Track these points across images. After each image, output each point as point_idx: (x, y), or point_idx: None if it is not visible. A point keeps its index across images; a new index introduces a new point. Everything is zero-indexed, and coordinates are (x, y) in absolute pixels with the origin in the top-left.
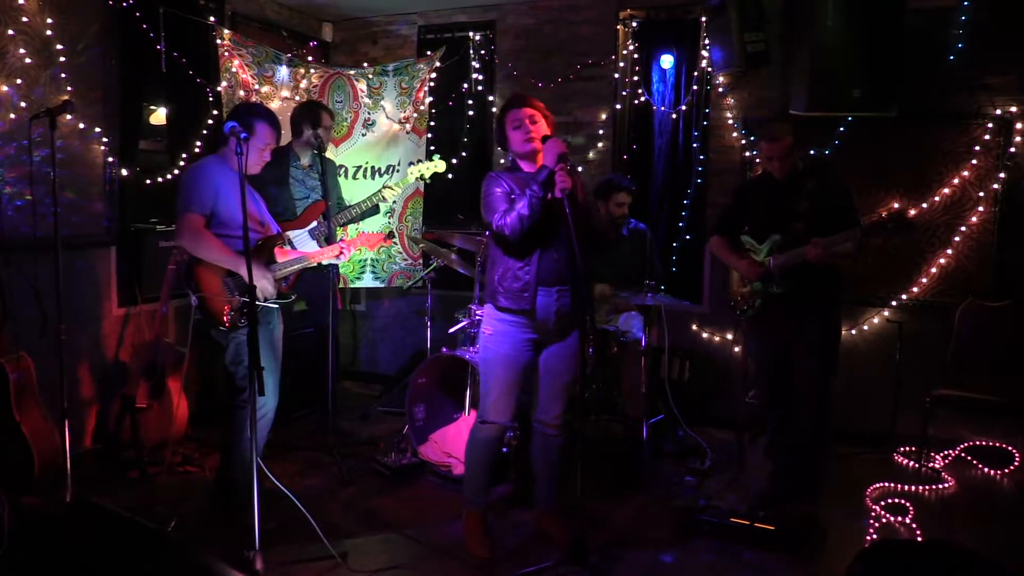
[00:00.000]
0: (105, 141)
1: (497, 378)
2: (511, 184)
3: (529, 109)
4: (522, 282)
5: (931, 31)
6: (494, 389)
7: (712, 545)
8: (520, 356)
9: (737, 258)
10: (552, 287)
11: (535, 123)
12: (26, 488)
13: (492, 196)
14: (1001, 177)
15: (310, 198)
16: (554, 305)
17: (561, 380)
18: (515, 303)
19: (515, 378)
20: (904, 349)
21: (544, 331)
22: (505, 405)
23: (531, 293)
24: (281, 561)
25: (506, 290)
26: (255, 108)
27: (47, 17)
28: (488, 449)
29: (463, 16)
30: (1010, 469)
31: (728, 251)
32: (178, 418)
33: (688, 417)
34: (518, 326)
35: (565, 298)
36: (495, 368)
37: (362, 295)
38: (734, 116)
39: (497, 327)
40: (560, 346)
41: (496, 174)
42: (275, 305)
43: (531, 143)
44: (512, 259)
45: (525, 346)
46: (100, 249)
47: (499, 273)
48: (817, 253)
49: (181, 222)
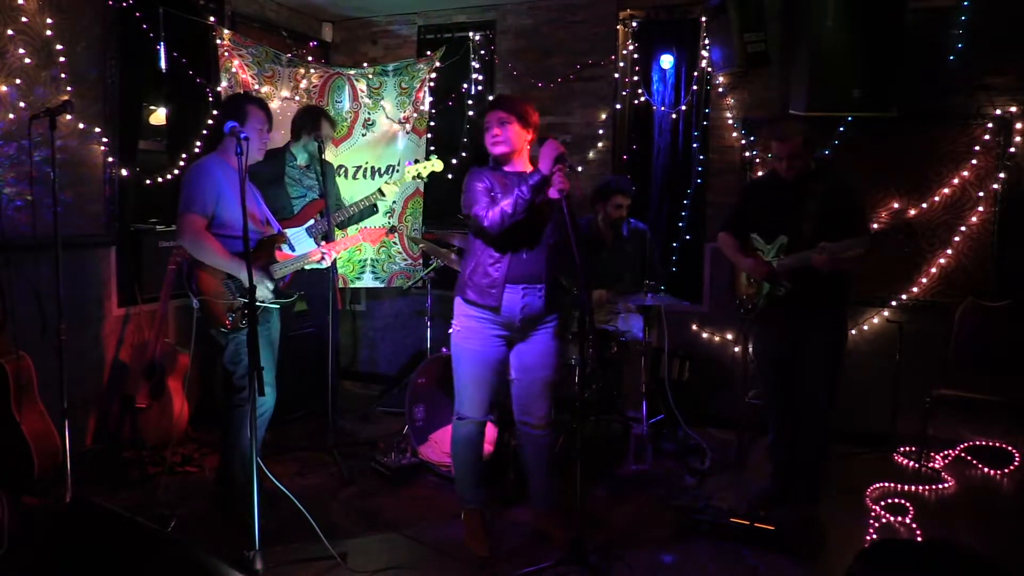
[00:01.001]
0: (105, 141)
1: (469, 374)
2: (492, 181)
3: (501, 112)
4: (490, 279)
5: (931, 31)
6: (467, 385)
7: (712, 545)
8: (489, 351)
9: (743, 256)
10: (519, 284)
11: (503, 126)
12: (26, 488)
13: (473, 189)
14: (1001, 177)
15: (307, 197)
16: (520, 303)
17: (540, 378)
18: (481, 298)
19: (487, 374)
20: (904, 349)
21: (511, 328)
22: (480, 400)
23: (498, 290)
24: (281, 561)
25: (475, 284)
26: (240, 95)
27: (47, 17)
28: (469, 445)
29: (463, 16)
30: (1010, 469)
31: (735, 249)
32: (178, 418)
33: (688, 417)
34: (485, 322)
35: (531, 297)
36: (466, 364)
37: (362, 295)
38: (734, 116)
39: (465, 323)
40: (530, 343)
41: (479, 169)
42: (276, 306)
43: (497, 147)
44: (485, 254)
45: (494, 341)
46: (100, 249)
47: (471, 266)
48: (823, 260)
49: (182, 223)
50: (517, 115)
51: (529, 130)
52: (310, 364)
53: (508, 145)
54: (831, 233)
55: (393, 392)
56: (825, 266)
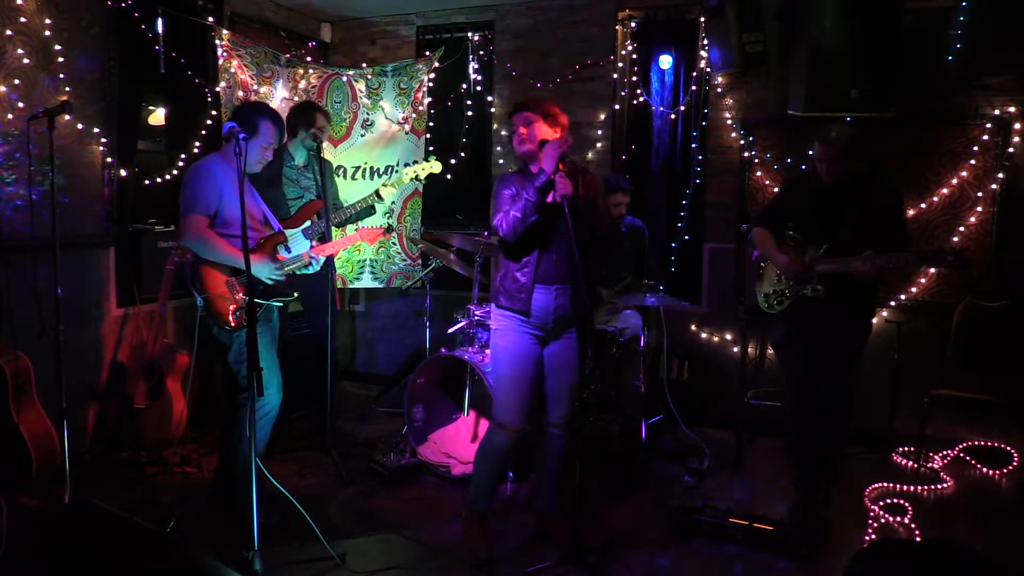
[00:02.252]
0: (104, 142)
1: (508, 373)
2: (517, 186)
3: (526, 113)
4: (519, 283)
5: (929, 31)
6: (506, 385)
7: (710, 545)
8: (528, 350)
9: (779, 252)
10: (551, 285)
11: (528, 126)
12: (24, 488)
13: (500, 198)
14: (999, 177)
15: (304, 197)
16: (553, 303)
17: (565, 380)
18: (511, 303)
19: (525, 371)
20: (903, 349)
21: (544, 328)
22: (518, 402)
23: (527, 295)
24: (280, 562)
25: (506, 290)
26: (259, 107)
27: (46, 17)
28: (500, 456)
29: (461, 16)
30: (1008, 469)
31: (771, 244)
32: (177, 418)
33: (687, 417)
34: (521, 322)
35: (563, 297)
36: (504, 363)
37: (361, 295)
38: (732, 116)
39: (502, 323)
40: (559, 345)
41: (506, 176)
42: (279, 304)
43: (523, 146)
44: (511, 260)
45: (529, 339)
46: (99, 249)
47: (501, 273)
48: (866, 270)
49: (185, 223)
50: (542, 114)
51: (557, 128)
52: (309, 364)
53: (534, 143)
54: (870, 241)
55: (392, 392)
56: (867, 275)
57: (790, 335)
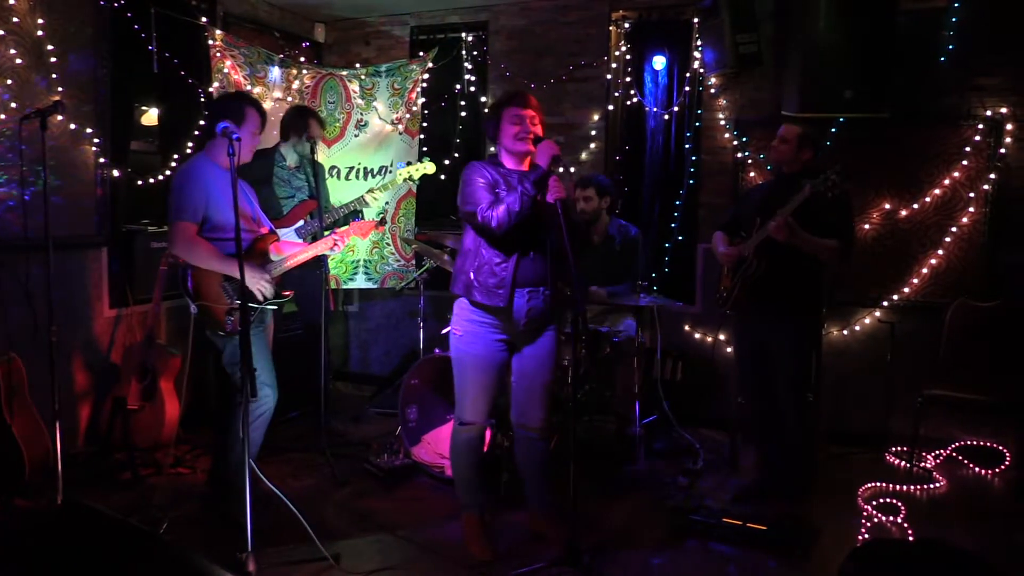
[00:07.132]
0: (96, 142)
1: (472, 380)
2: (495, 176)
3: (532, 110)
4: (498, 278)
5: (922, 32)
6: (469, 391)
7: (704, 545)
8: (493, 357)
9: (721, 248)
10: (525, 288)
11: (535, 124)
12: (17, 489)
13: (474, 185)
14: (992, 178)
15: (295, 197)
16: (526, 306)
17: (539, 383)
18: (489, 299)
19: (490, 380)
20: (896, 349)
21: (514, 332)
22: (482, 405)
23: (507, 291)
24: (273, 563)
25: (481, 284)
26: (241, 95)
27: (38, 17)
28: (470, 450)
29: (455, 17)
30: (1001, 469)
31: (721, 243)
32: (170, 420)
33: (681, 417)
34: (488, 327)
35: (536, 300)
36: (468, 370)
37: (355, 296)
38: (726, 117)
39: (467, 328)
40: (532, 347)
41: (480, 163)
42: (273, 306)
43: (526, 143)
44: (492, 253)
45: (497, 347)
46: (91, 250)
47: (475, 265)
48: (779, 224)
49: (173, 231)
50: (539, 112)
51: (543, 129)
52: (302, 365)
53: (532, 144)
54: (811, 230)
55: (386, 393)
56: (783, 235)
57: (737, 332)
